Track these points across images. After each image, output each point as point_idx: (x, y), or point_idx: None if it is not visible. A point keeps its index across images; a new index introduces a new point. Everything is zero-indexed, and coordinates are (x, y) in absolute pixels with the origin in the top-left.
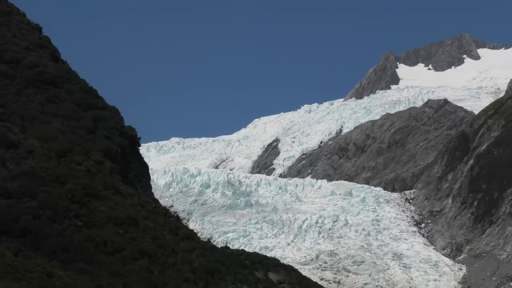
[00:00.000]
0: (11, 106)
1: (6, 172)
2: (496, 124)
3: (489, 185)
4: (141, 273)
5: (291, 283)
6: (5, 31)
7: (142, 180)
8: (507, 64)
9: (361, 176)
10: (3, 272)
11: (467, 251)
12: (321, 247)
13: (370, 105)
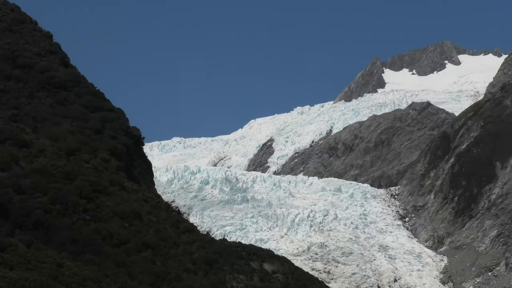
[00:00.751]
0: (24, 108)
1: (19, 170)
2: (475, 125)
3: (469, 182)
4: (144, 263)
5: (284, 273)
6: (18, 38)
7: (145, 177)
8: (485, 69)
9: (349, 174)
10: (16, 262)
11: (448, 243)
12: (312, 240)
13: (358, 107)
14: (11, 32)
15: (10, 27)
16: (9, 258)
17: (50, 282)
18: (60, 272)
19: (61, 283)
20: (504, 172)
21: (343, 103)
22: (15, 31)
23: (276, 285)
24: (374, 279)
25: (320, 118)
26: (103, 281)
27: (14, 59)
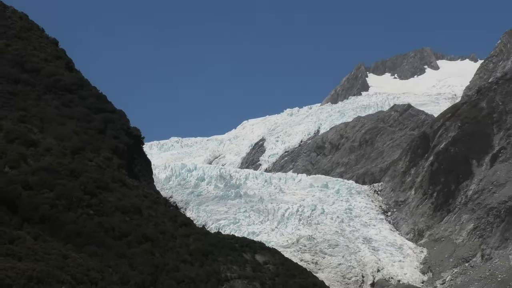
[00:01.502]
0: (31, 110)
1: (27, 167)
2: (453, 126)
3: (447, 178)
4: (144, 255)
5: (274, 264)
6: (26, 44)
7: (145, 174)
8: (462, 74)
9: (335, 171)
10: (24, 254)
11: (427, 236)
12: (301, 232)
13: (344, 109)
14: (20, 38)
15: (18, 34)
16: (17, 250)
17: (56, 272)
18: (66, 263)
19: (67, 273)
20: (480, 170)
21: (329, 105)
22: (24, 38)
23: (267, 275)
24: (358, 269)
25: (308, 119)
26: (105, 272)
27: (22, 64)
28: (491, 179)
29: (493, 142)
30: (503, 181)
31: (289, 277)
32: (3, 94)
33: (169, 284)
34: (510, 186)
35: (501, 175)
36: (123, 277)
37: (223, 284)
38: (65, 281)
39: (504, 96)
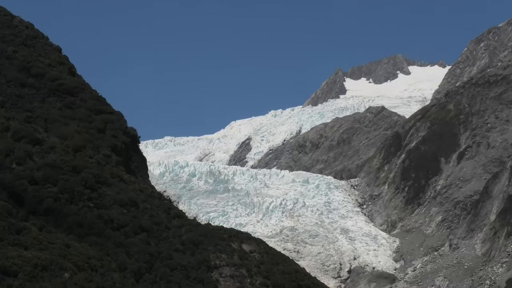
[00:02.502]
0: (37, 111)
1: (33, 164)
2: (423, 126)
3: (417, 174)
4: (140, 244)
5: (260, 252)
6: (32, 51)
7: (141, 171)
8: (431, 79)
9: (316, 167)
10: (30, 243)
11: (399, 227)
12: (284, 224)
13: (323, 111)
14: (26, 46)
15: (25, 42)
16: (24, 239)
17: (59, 260)
18: (68, 252)
19: (69, 261)
20: (448, 166)
21: (310, 107)
22: (30, 45)
23: (253, 262)
24: (336, 257)
25: (291, 120)
26: (104, 259)
27: (28, 69)
28: (458, 175)
29: (460, 141)
30: (469, 177)
31: (273, 265)
32: (11, 96)
33: (163, 271)
34: (476, 181)
35: (467, 172)
36: (120, 264)
37: (213, 271)
38: (67, 268)
39: (470, 99)
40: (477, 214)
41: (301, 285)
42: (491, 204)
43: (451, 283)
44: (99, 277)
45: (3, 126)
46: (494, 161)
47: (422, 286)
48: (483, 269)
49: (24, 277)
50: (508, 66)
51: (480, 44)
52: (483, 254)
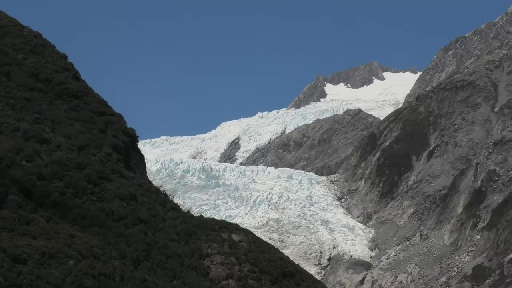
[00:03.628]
0: (44, 113)
1: (41, 161)
2: (396, 127)
3: (391, 171)
4: (139, 234)
5: (247, 242)
6: (40, 58)
7: (139, 167)
8: (404, 84)
9: (299, 164)
10: (38, 233)
11: (375, 218)
12: (269, 216)
13: (306, 113)
14: (35, 53)
15: (34, 50)
16: (32, 230)
17: (65, 249)
18: (73, 241)
19: (73, 249)
20: (419, 164)
21: (294, 109)
22: (38, 53)
23: (241, 251)
24: (317, 246)
25: (276, 121)
26: (106, 248)
27: (37, 74)
28: (428, 171)
29: (429, 140)
30: (438, 173)
31: (259, 253)
32: (21, 100)
33: (160, 259)
34: (444, 177)
35: (436, 168)
36: (121, 252)
37: (205, 259)
38: (72, 256)
39: (439, 102)
40: (445, 207)
41: (285, 272)
42: (458, 198)
43: (421, 270)
44: (101, 264)
45: (14, 127)
46: (461, 159)
47: (395, 273)
48: (451, 257)
49: (33, 264)
50: (474, 72)
51: (448, 52)
52: (451, 244)
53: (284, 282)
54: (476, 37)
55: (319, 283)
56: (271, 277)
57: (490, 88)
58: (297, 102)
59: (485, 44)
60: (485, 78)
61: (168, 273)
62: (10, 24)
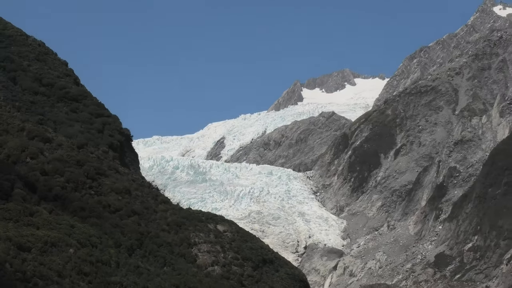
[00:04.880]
0: (47, 115)
1: (44, 158)
2: (366, 128)
3: (361, 168)
4: (132, 225)
5: (231, 232)
6: (43, 65)
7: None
8: (373, 89)
9: (278, 162)
10: (41, 224)
11: (346, 211)
12: (251, 208)
13: (284, 115)
14: (39, 60)
15: (38, 57)
16: (36, 221)
17: (65, 238)
18: (73, 231)
19: (73, 238)
20: (386, 161)
21: (274, 112)
22: (41, 60)
23: (226, 240)
24: (294, 236)
25: (258, 123)
26: (103, 237)
27: (40, 79)
28: (395, 168)
29: (396, 140)
30: (404, 169)
31: (242, 242)
32: (26, 102)
33: (152, 247)
34: (409, 173)
35: (402, 165)
36: (116, 241)
37: (193, 247)
38: (72, 245)
39: (405, 106)
40: (410, 200)
41: (266, 259)
42: (422, 192)
43: (389, 257)
44: (98, 252)
45: (19, 127)
46: (425, 157)
47: (365, 260)
48: (415, 246)
49: (36, 252)
50: (436, 78)
51: (413, 60)
52: (415, 234)
53: (264, 268)
54: (439, 46)
55: (296, 269)
56: (253, 263)
57: (451, 93)
58: (276, 105)
59: (446, 53)
60: (447, 84)
61: (159, 260)
62: (16, 34)
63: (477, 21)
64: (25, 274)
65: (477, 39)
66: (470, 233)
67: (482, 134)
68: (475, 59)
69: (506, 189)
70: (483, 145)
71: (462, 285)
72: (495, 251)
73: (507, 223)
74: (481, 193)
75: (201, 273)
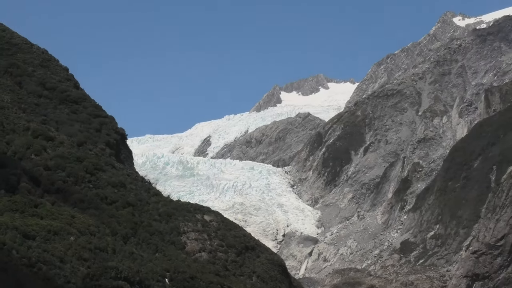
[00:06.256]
0: (50, 115)
1: (47, 155)
2: (338, 127)
3: (334, 163)
4: (127, 215)
5: (217, 221)
6: (46, 70)
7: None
8: (344, 92)
9: (259, 158)
10: (45, 214)
11: (321, 202)
12: (235, 200)
13: (265, 116)
14: (42, 67)
15: (41, 64)
16: (40, 211)
17: (66, 227)
18: (73, 221)
19: (74, 227)
20: (357, 157)
21: (255, 113)
22: (45, 66)
23: (212, 229)
24: (274, 225)
25: (241, 123)
26: (100, 227)
27: (44, 84)
28: (364, 164)
29: (365, 138)
30: (372, 165)
31: (227, 230)
32: (30, 105)
33: (145, 236)
34: (377, 168)
35: (371, 161)
36: (112, 230)
37: (182, 235)
38: (73, 233)
39: (373, 107)
40: (378, 193)
41: (248, 246)
42: (389, 185)
43: (359, 244)
44: (96, 240)
45: (25, 127)
46: (391, 154)
47: (337, 246)
48: (383, 233)
49: (40, 240)
50: (402, 83)
51: (381, 66)
52: (383, 223)
53: (247, 254)
54: (404, 54)
55: (275, 255)
56: (236, 250)
57: (415, 95)
58: (257, 107)
59: (411, 59)
60: (411, 87)
61: (151, 247)
62: (22, 43)
63: (439, 31)
64: (30, 260)
65: (438, 47)
66: (432, 222)
67: (443, 133)
68: (436, 65)
69: (465, 182)
70: (443, 143)
71: (425, 270)
72: (455, 239)
73: (465, 213)
74: (442, 186)
75: (189, 258)
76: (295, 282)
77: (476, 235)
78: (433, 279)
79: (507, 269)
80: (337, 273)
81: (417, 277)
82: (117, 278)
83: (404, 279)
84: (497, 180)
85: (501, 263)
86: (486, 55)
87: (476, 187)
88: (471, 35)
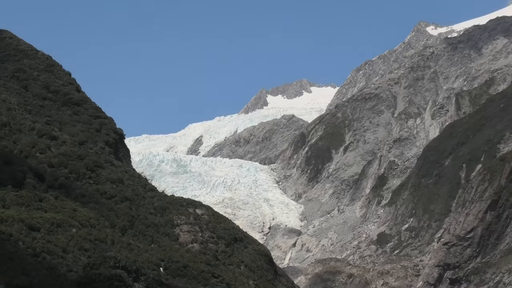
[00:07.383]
0: (54, 116)
1: (51, 153)
2: (320, 128)
3: (316, 161)
4: (125, 209)
5: (208, 215)
6: (50, 75)
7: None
8: (326, 95)
9: (247, 156)
10: (49, 208)
11: (304, 197)
12: (225, 195)
13: (252, 117)
14: (47, 71)
15: (46, 68)
16: (44, 205)
17: (69, 220)
18: (75, 214)
19: (76, 220)
20: (337, 156)
21: (243, 115)
22: (49, 71)
23: (203, 222)
24: (261, 218)
25: (230, 124)
26: (100, 219)
27: (48, 87)
28: (344, 161)
29: (345, 138)
30: (351, 163)
31: (217, 223)
32: (35, 106)
33: (141, 228)
34: (356, 166)
35: (350, 159)
36: (111, 223)
37: (175, 228)
38: (74, 225)
39: (352, 109)
40: (357, 188)
41: (236, 237)
42: (367, 182)
43: (339, 236)
44: (96, 232)
45: (30, 127)
46: (369, 152)
47: (319, 238)
48: (361, 226)
49: (45, 231)
50: (379, 87)
51: (359, 72)
52: (361, 216)
53: (235, 245)
54: (381, 60)
55: (261, 246)
56: (226, 241)
57: (391, 99)
58: (246, 109)
59: (387, 66)
60: (387, 91)
61: (147, 239)
62: (28, 49)
63: (413, 39)
64: (35, 250)
65: (412, 54)
66: (406, 215)
67: (417, 134)
68: (411, 71)
69: (437, 179)
70: (417, 142)
71: (400, 259)
72: (428, 231)
73: (437, 208)
74: (416, 183)
75: (182, 249)
76: (280, 271)
77: (447, 228)
78: (407, 268)
79: (476, 260)
80: (319, 262)
81: (392, 267)
82: (116, 267)
83: (380, 268)
84: (466, 177)
85: (471, 253)
86: (457, 61)
87: (447, 183)
88: (443, 43)
